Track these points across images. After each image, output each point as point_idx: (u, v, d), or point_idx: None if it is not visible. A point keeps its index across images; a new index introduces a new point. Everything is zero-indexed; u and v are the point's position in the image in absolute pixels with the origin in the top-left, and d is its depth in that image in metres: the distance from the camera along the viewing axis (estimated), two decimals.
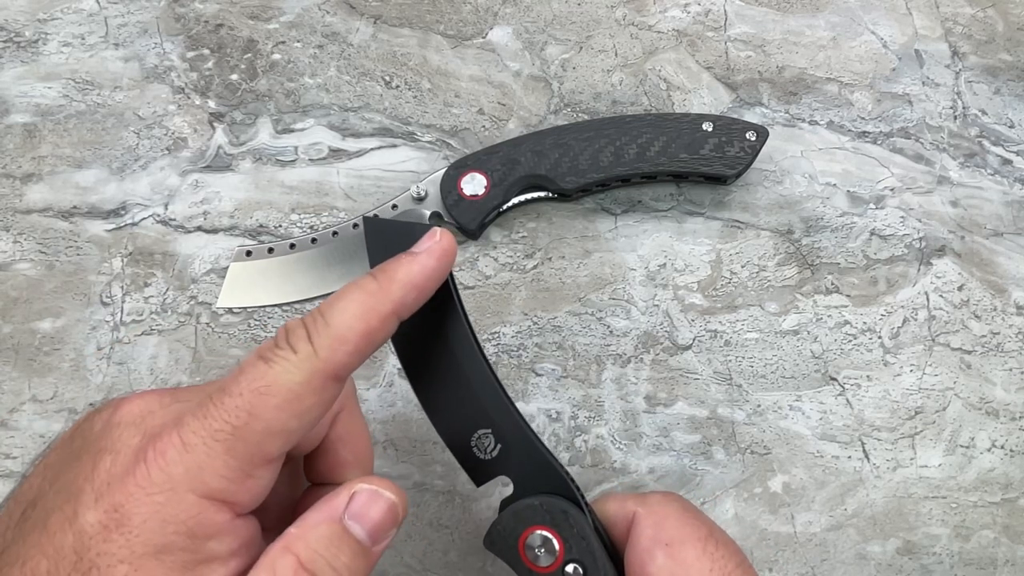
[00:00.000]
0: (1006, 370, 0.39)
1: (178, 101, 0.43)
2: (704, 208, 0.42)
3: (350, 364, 0.23)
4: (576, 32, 0.46)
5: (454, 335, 0.28)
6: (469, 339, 0.28)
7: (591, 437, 0.37)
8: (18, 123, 0.42)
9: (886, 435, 0.38)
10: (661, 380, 0.38)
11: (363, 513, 0.24)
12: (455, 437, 0.28)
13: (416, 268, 0.25)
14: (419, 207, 0.40)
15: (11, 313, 0.38)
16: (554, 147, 0.40)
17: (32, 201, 0.40)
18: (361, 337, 0.23)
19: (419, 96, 0.44)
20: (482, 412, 0.28)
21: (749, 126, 0.40)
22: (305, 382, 0.23)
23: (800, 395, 0.39)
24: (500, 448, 0.28)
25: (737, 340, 0.39)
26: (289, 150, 0.42)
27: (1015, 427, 0.38)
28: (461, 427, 0.28)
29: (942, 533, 0.37)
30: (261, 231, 0.40)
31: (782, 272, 0.41)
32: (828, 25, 0.47)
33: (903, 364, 0.39)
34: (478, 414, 0.28)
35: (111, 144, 0.42)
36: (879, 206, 0.42)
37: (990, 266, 0.41)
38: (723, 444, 0.38)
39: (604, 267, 0.40)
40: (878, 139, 0.44)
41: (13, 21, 0.44)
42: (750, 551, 0.36)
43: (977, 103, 0.45)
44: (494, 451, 0.28)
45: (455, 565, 0.35)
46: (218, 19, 0.45)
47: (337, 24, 0.45)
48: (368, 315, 0.24)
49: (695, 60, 0.45)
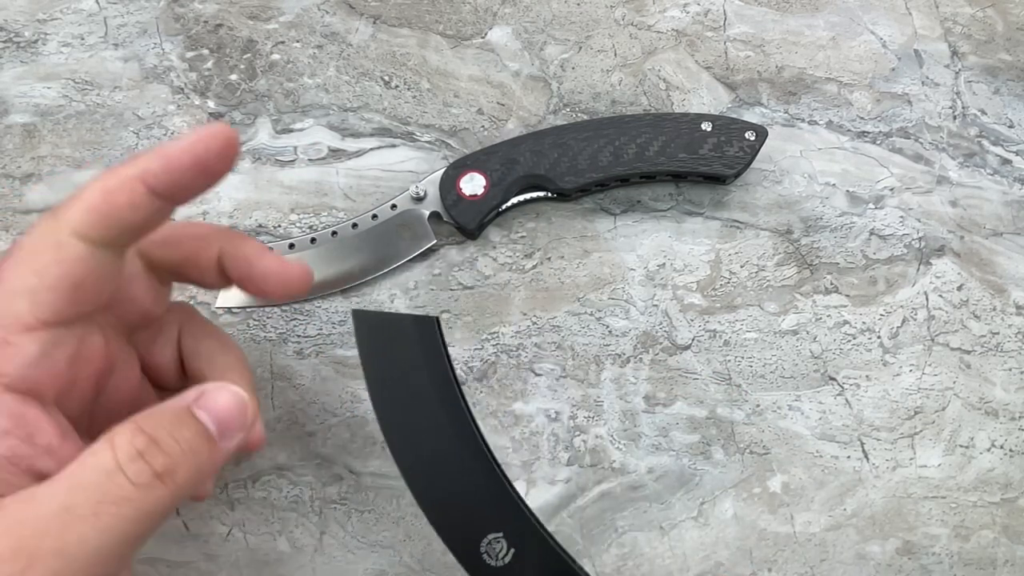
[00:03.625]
0: (1006, 370, 0.39)
1: (177, 101, 0.43)
2: (703, 208, 0.42)
3: (88, 220, 0.23)
4: (575, 32, 0.46)
5: (458, 432, 0.26)
6: (475, 436, 0.26)
7: (590, 437, 0.37)
8: (17, 123, 0.42)
9: (885, 435, 0.38)
10: (660, 380, 0.38)
11: (210, 405, 0.24)
12: (462, 544, 0.26)
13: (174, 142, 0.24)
14: (418, 207, 0.40)
15: None
16: (553, 147, 0.40)
17: (32, 201, 0.40)
18: (98, 194, 0.23)
19: (418, 96, 0.44)
20: (492, 515, 0.26)
21: (748, 126, 0.40)
22: (39, 237, 0.23)
23: (799, 395, 0.38)
24: (513, 553, 0.26)
25: (736, 340, 0.39)
26: (288, 150, 0.42)
27: (1015, 427, 0.38)
28: (469, 533, 0.26)
29: (941, 533, 0.37)
30: (260, 231, 0.40)
31: (781, 272, 0.41)
32: (827, 25, 0.47)
33: (902, 364, 0.39)
34: (488, 517, 0.26)
35: (110, 144, 0.42)
36: (878, 206, 0.42)
37: (989, 266, 0.41)
38: (722, 444, 0.38)
39: (603, 267, 0.41)
40: (877, 139, 0.44)
41: (12, 21, 0.44)
42: (749, 551, 0.36)
43: (977, 103, 0.45)
44: (506, 557, 0.26)
45: (454, 565, 0.35)
46: (217, 19, 0.45)
47: (336, 24, 0.45)
48: (109, 176, 0.23)
49: (694, 60, 0.45)
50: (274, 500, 0.36)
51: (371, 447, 0.37)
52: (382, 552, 0.35)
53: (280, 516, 0.35)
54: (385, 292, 0.40)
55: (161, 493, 0.22)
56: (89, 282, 0.24)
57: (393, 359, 0.27)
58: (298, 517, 0.36)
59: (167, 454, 0.22)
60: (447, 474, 0.26)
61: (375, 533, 0.35)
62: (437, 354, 0.27)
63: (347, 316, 0.39)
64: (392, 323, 0.26)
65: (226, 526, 0.35)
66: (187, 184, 0.24)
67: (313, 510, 0.36)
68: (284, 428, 0.37)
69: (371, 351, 0.26)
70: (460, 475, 0.26)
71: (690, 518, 0.36)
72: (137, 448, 0.22)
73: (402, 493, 0.36)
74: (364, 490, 0.36)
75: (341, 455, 0.37)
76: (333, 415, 0.37)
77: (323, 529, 0.35)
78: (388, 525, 0.36)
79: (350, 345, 0.38)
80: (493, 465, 0.26)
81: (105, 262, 0.24)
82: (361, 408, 0.37)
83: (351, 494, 0.36)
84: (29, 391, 0.23)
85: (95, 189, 0.23)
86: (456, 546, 0.26)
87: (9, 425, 0.22)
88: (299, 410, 0.37)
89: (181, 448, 0.23)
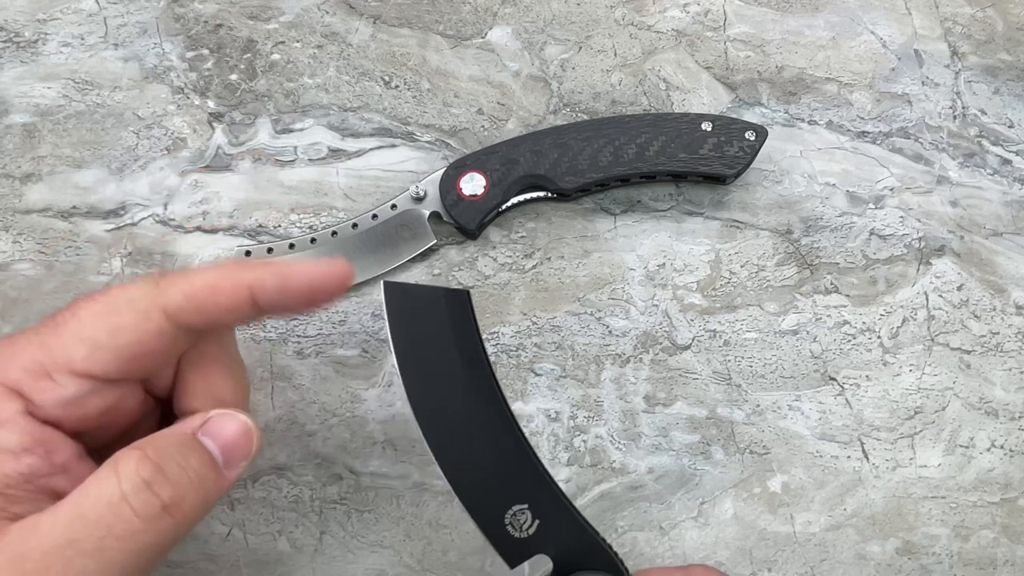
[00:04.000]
0: (1005, 370, 0.39)
1: (177, 101, 0.43)
2: (703, 208, 0.42)
3: (184, 306, 0.23)
4: (575, 32, 0.46)
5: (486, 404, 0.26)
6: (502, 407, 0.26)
7: (590, 437, 0.37)
8: (17, 123, 0.42)
9: (885, 435, 0.38)
10: (660, 380, 0.38)
11: (216, 431, 0.24)
12: (487, 515, 0.26)
13: (296, 266, 0.25)
14: (418, 207, 0.40)
15: (11, 313, 0.38)
16: (553, 147, 0.40)
17: (31, 201, 0.40)
18: (206, 286, 0.23)
19: (418, 96, 0.44)
20: (518, 486, 0.26)
21: (748, 126, 0.40)
22: (131, 300, 0.23)
23: (799, 395, 0.38)
24: (538, 524, 0.26)
25: (736, 340, 0.39)
26: (288, 150, 0.42)
27: (1015, 427, 0.38)
28: (494, 504, 0.26)
29: (941, 533, 0.37)
30: (260, 231, 0.40)
31: (781, 272, 0.41)
32: (827, 25, 0.47)
33: (902, 364, 0.39)
34: (513, 489, 0.26)
35: (110, 144, 0.42)
36: (878, 206, 0.42)
37: (989, 266, 0.41)
38: (722, 444, 0.38)
39: (603, 267, 0.41)
40: (877, 139, 0.44)
41: (12, 21, 0.44)
42: (749, 551, 0.36)
43: (976, 103, 0.45)
44: (531, 528, 0.26)
45: (454, 565, 0.35)
46: (217, 19, 0.45)
47: (336, 24, 0.45)
48: (224, 274, 0.24)
49: (694, 60, 0.45)
50: (274, 500, 0.36)
51: (371, 447, 0.37)
52: (382, 552, 0.35)
53: (280, 516, 0.35)
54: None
55: (167, 525, 0.21)
56: (153, 355, 0.24)
57: (423, 331, 0.27)
58: (298, 517, 0.36)
59: (174, 484, 0.22)
60: (474, 445, 0.26)
61: (375, 533, 0.36)
62: (467, 326, 0.27)
63: (347, 316, 0.39)
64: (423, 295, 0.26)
65: (226, 526, 0.35)
66: (289, 306, 0.25)
67: (313, 510, 0.36)
68: (284, 428, 0.37)
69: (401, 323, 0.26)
70: (487, 446, 0.26)
71: (690, 518, 0.36)
72: (143, 478, 0.21)
73: (402, 493, 0.36)
74: (364, 490, 0.36)
75: (341, 455, 0.37)
76: (333, 415, 0.37)
77: (323, 529, 0.35)
78: (388, 525, 0.36)
79: (350, 345, 0.38)
80: (520, 437, 0.26)
81: (176, 340, 0.24)
82: (361, 408, 0.37)
83: (351, 494, 0.36)
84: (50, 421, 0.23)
85: (204, 280, 0.23)
86: (480, 517, 0.26)
87: (29, 443, 0.22)
88: (299, 410, 0.37)
89: (188, 477, 0.22)
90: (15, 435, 0.22)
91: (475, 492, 0.26)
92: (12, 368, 0.22)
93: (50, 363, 0.22)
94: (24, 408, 0.22)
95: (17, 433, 0.22)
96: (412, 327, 0.26)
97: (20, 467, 0.22)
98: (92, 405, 0.23)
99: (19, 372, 0.22)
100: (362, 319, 0.39)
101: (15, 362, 0.22)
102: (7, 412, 0.22)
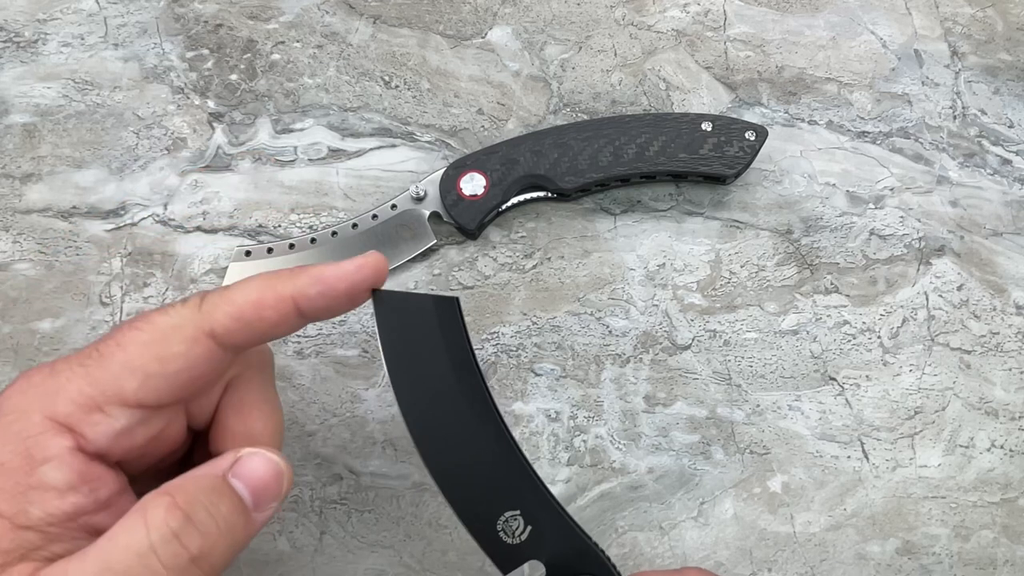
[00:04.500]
0: (1005, 370, 0.39)
1: (177, 101, 0.43)
2: (703, 208, 0.42)
3: (231, 328, 0.23)
4: (575, 32, 0.46)
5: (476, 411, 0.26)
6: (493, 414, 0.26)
7: (590, 437, 0.37)
8: (17, 123, 0.42)
9: (885, 435, 0.38)
10: (660, 380, 0.38)
11: (246, 473, 0.23)
12: (480, 522, 0.26)
13: (331, 268, 0.24)
14: (418, 207, 0.40)
15: (10, 313, 0.38)
16: (553, 147, 0.40)
17: (31, 201, 0.40)
18: (250, 305, 0.23)
19: (418, 96, 0.44)
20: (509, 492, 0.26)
21: (748, 126, 0.40)
22: (177, 326, 0.22)
23: (799, 395, 0.38)
24: (530, 531, 0.26)
25: (736, 340, 0.39)
26: (288, 150, 0.42)
27: (1015, 427, 0.38)
28: (486, 510, 0.26)
29: (941, 533, 0.37)
30: (260, 231, 0.40)
31: (781, 272, 0.41)
32: (827, 25, 0.47)
33: (902, 364, 0.39)
34: (505, 495, 0.26)
35: (110, 144, 0.42)
36: (878, 206, 0.42)
37: (989, 266, 0.41)
38: (722, 444, 0.38)
39: (603, 267, 0.40)
40: (877, 139, 0.44)
41: (12, 21, 0.44)
42: (749, 551, 0.36)
43: (976, 103, 0.45)
44: (523, 534, 0.26)
45: (454, 565, 0.35)
46: (217, 19, 0.45)
47: (336, 24, 0.45)
48: (265, 289, 0.23)
49: (694, 60, 0.45)
50: None
51: (371, 447, 0.37)
52: (382, 552, 0.35)
53: (280, 516, 0.35)
54: None
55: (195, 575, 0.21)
56: (203, 379, 0.24)
57: (413, 338, 0.27)
58: (298, 517, 0.36)
59: (203, 534, 0.21)
60: (465, 451, 0.26)
61: (375, 533, 0.35)
62: (457, 334, 0.27)
63: (347, 316, 0.39)
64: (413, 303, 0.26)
65: None
66: (334, 309, 0.25)
67: (313, 510, 0.36)
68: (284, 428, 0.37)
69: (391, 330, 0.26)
70: (478, 452, 0.26)
71: (690, 518, 0.36)
72: (172, 528, 0.20)
73: (402, 493, 0.36)
74: (364, 490, 0.36)
75: (341, 455, 0.37)
76: (333, 415, 0.37)
77: (323, 529, 0.35)
78: (388, 525, 0.36)
79: (350, 345, 0.38)
80: (511, 443, 0.26)
81: (224, 361, 0.24)
82: (361, 408, 0.37)
83: (351, 494, 0.36)
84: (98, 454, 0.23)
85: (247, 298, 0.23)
86: (472, 523, 0.26)
87: (76, 481, 0.22)
88: (299, 410, 0.37)
89: (218, 526, 0.21)
90: (62, 473, 0.21)
91: (467, 499, 0.26)
92: (59, 402, 0.21)
93: (100, 396, 0.22)
94: (74, 444, 0.22)
95: (65, 471, 0.21)
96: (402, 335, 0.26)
97: (65, 506, 0.21)
98: (140, 434, 0.23)
99: (68, 406, 0.21)
100: (362, 319, 0.39)
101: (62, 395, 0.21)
102: (55, 448, 0.21)
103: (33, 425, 0.21)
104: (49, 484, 0.21)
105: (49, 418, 0.21)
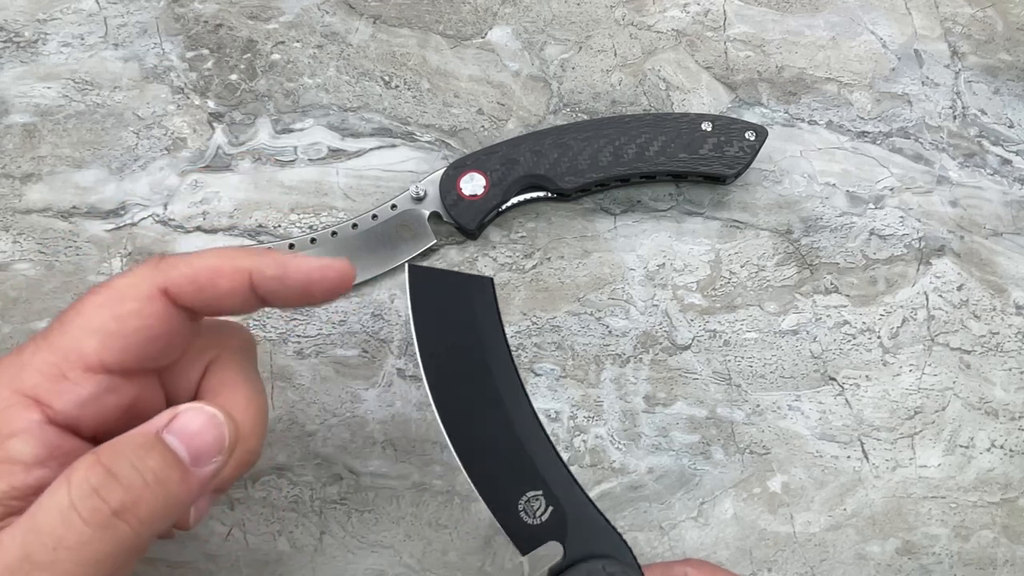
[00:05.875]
0: (1005, 370, 0.39)
1: (177, 101, 0.43)
2: (703, 208, 0.42)
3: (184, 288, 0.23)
4: (575, 32, 0.46)
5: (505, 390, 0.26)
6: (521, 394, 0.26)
7: (590, 437, 0.37)
8: (17, 123, 0.42)
9: (885, 435, 0.38)
10: (660, 380, 0.38)
11: (180, 427, 0.22)
12: (501, 501, 0.26)
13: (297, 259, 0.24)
14: (418, 207, 0.40)
15: (10, 313, 0.38)
16: (553, 147, 0.40)
17: (31, 201, 0.40)
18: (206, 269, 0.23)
19: (418, 96, 0.44)
20: (532, 472, 0.26)
21: (748, 126, 0.40)
22: (132, 284, 0.23)
23: (799, 395, 0.38)
24: (552, 511, 0.26)
25: (736, 340, 0.39)
26: (288, 150, 0.42)
27: (1014, 427, 0.38)
28: (508, 490, 0.26)
29: (941, 533, 0.37)
30: (260, 231, 0.40)
31: (781, 272, 0.41)
32: (827, 25, 0.47)
33: (902, 364, 0.39)
34: (527, 475, 0.26)
35: (110, 144, 0.42)
36: (878, 206, 0.42)
37: (989, 266, 0.41)
38: (722, 444, 0.38)
39: (603, 267, 0.41)
40: (877, 139, 0.44)
41: (12, 21, 0.44)
42: (749, 551, 0.36)
43: (976, 103, 0.45)
44: (544, 515, 0.26)
45: (454, 565, 0.35)
46: (217, 19, 0.45)
47: (336, 24, 0.45)
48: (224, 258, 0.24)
49: (694, 60, 0.45)
50: (274, 500, 0.36)
51: (371, 447, 0.37)
52: (382, 552, 0.35)
53: (280, 516, 0.36)
54: (385, 292, 0.40)
55: (122, 531, 0.20)
56: (162, 341, 0.24)
57: (446, 314, 0.27)
58: (298, 517, 0.36)
59: (126, 488, 0.20)
60: (491, 429, 0.26)
61: (375, 533, 0.36)
62: (491, 313, 0.28)
63: (347, 316, 0.39)
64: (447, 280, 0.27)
65: (226, 526, 0.35)
66: (286, 297, 0.25)
67: (313, 510, 0.36)
68: (284, 428, 0.37)
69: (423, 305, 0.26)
70: (504, 432, 0.26)
71: (690, 518, 0.36)
72: (91, 484, 0.20)
73: (402, 493, 0.36)
74: (364, 490, 0.36)
75: (341, 455, 0.37)
76: (333, 415, 0.37)
77: (323, 529, 0.35)
78: (388, 525, 0.36)
79: (350, 345, 0.38)
80: (538, 424, 0.26)
81: (183, 326, 0.24)
82: (361, 408, 0.37)
83: (351, 494, 0.36)
84: (69, 426, 0.22)
85: (205, 262, 0.23)
86: (493, 502, 0.26)
87: (44, 455, 0.21)
88: (299, 410, 0.37)
89: (144, 480, 0.21)
90: (30, 447, 0.21)
91: (490, 477, 0.26)
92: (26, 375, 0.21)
93: (63, 362, 0.22)
94: (43, 417, 0.22)
95: (32, 445, 0.21)
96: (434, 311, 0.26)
97: (30, 479, 0.21)
98: (110, 403, 0.23)
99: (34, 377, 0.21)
100: (362, 319, 0.39)
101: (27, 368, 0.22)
102: (23, 422, 0.21)
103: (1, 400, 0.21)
104: (16, 458, 0.21)
105: (16, 391, 0.21)
